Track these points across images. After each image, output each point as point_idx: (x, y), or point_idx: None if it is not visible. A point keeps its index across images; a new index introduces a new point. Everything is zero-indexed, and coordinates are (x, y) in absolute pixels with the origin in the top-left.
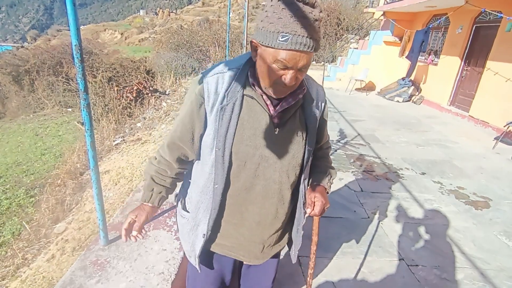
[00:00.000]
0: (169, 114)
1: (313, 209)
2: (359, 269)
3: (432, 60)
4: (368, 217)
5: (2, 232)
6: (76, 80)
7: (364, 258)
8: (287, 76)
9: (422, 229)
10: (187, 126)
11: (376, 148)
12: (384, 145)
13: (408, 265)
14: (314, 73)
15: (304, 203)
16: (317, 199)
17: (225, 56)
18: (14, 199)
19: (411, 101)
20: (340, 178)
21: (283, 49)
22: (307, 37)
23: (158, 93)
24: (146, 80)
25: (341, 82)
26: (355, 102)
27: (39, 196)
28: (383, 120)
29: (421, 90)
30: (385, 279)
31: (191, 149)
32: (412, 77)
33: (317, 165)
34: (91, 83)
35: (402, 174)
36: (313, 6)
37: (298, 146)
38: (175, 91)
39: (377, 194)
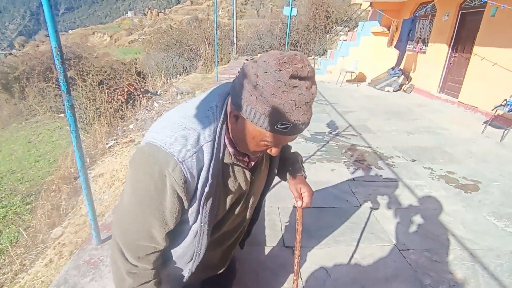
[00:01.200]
0: (161, 115)
1: (303, 201)
2: (352, 255)
3: (421, 49)
4: (360, 205)
5: (0, 241)
6: (59, 82)
7: (357, 245)
8: (273, 150)
9: (413, 215)
10: (154, 216)
11: (367, 138)
12: (375, 134)
13: (399, 250)
14: None
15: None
16: (303, 190)
17: (215, 54)
18: (11, 207)
19: (402, 90)
20: (332, 169)
21: (279, 134)
22: (306, 123)
23: (149, 94)
24: (137, 81)
25: (332, 75)
26: (346, 94)
27: (35, 203)
28: (374, 111)
29: (411, 79)
30: (377, 264)
31: (163, 239)
32: (401, 66)
33: (287, 157)
34: (82, 87)
35: (393, 162)
36: (312, 80)
37: (264, 178)
38: (166, 91)
39: (368, 182)
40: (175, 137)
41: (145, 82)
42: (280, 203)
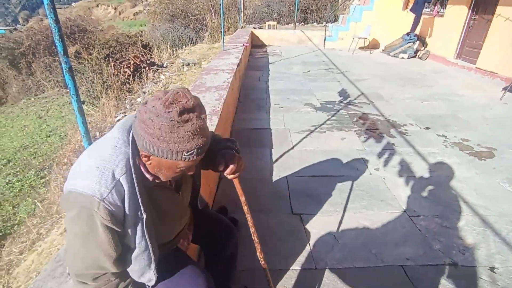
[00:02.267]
0: (167, 87)
1: (228, 168)
2: (361, 222)
3: (438, 12)
4: (371, 174)
5: (18, 213)
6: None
7: (366, 212)
8: (190, 170)
9: (424, 182)
10: (97, 254)
11: (379, 106)
12: (388, 102)
13: (409, 216)
14: (315, 33)
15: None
16: (227, 158)
17: (221, 23)
18: (26, 181)
19: (417, 57)
20: (342, 138)
21: (188, 161)
22: (205, 144)
23: (155, 67)
24: (143, 54)
25: (344, 42)
26: (359, 62)
27: (49, 176)
28: (387, 78)
29: (426, 44)
30: (385, 230)
31: (113, 266)
32: (417, 32)
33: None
34: (88, 61)
35: (406, 130)
36: (198, 107)
37: (190, 185)
38: (172, 63)
39: (380, 151)
40: (91, 179)
41: (151, 55)
42: (287, 171)
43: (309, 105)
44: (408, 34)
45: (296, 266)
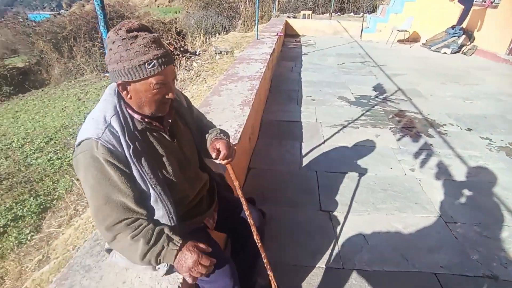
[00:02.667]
0: (199, 75)
1: (220, 154)
2: (392, 224)
3: (492, 2)
4: (405, 174)
5: (58, 188)
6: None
7: (399, 214)
8: (169, 92)
9: (464, 187)
10: (114, 190)
11: (418, 103)
12: (427, 99)
13: (445, 222)
14: (352, 24)
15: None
16: (218, 145)
17: (256, 12)
18: (65, 159)
19: (461, 52)
20: (377, 135)
21: (155, 75)
22: (165, 55)
23: (188, 54)
24: (177, 41)
25: (382, 34)
26: (397, 55)
27: None
28: (427, 74)
29: (474, 39)
30: (419, 234)
31: (129, 198)
32: (464, 25)
33: (204, 132)
34: None
35: (445, 130)
36: (149, 31)
37: (191, 141)
38: (205, 51)
39: (416, 151)
40: (87, 127)
41: (184, 42)
42: (317, 166)
43: (343, 98)
44: (453, 27)
45: (323, 264)
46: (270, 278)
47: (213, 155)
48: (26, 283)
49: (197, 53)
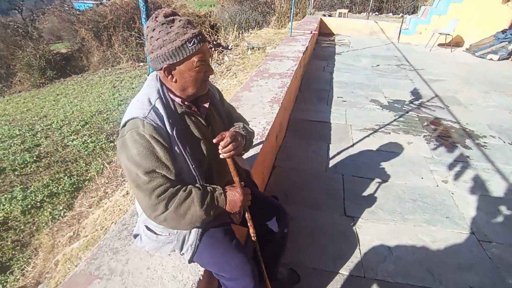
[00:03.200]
0: (230, 69)
1: (222, 142)
2: (420, 236)
3: None
4: (437, 186)
5: (90, 170)
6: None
7: (428, 227)
8: (208, 68)
9: (502, 204)
10: (159, 163)
11: (456, 111)
12: (466, 108)
13: (479, 240)
14: (390, 25)
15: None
16: (226, 133)
17: (291, 8)
18: (98, 143)
19: (510, 59)
20: (409, 142)
21: (196, 52)
22: (200, 33)
23: (221, 48)
24: (211, 34)
25: (422, 36)
26: (436, 59)
27: (117, 141)
28: (469, 81)
29: None
30: (448, 250)
31: (171, 173)
32: None
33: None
34: None
35: (485, 142)
36: (178, 14)
37: (221, 126)
38: (237, 45)
39: (451, 162)
40: (133, 108)
41: (217, 36)
42: (344, 169)
43: (375, 102)
44: (503, 32)
45: (344, 271)
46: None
47: (215, 140)
48: (57, 256)
49: (229, 48)
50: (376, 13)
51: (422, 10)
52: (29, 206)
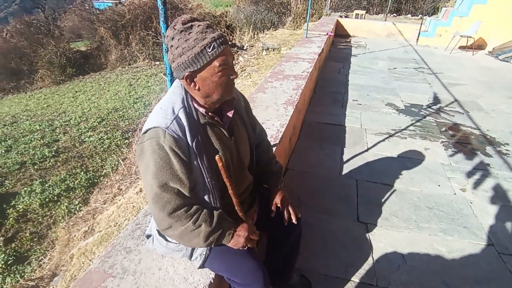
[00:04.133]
0: (245, 70)
1: (288, 217)
2: (435, 246)
3: None
4: (455, 194)
5: (105, 166)
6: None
7: (444, 237)
8: (232, 72)
9: None
10: (174, 176)
11: (476, 117)
12: (488, 114)
13: (499, 253)
14: (408, 27)
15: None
16: (282, 206)
17: (307, 9)
18: (113, 139)
19: None
20: (426, 148)
21: (217, 56)
22: (221, 36)
23: (236, 48)
24: (226, 34)
25: (441, 39)
26: (456, 63)
27: (132, 139)
28: (491, 85)
29: None
30: (465, 262)
31: (186, 188)
32: None
33: (265, 164)
34: None
35: (507, 150)
36: (197, 19)
37: (246, 142)
38: (252, 46)
39: (470, 170)
40: (156, 116)
41: (233, 36)
42: (358, 174)
43: (391, 105)
44: None
45: (355, 278)
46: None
47: (285, 219)
48: (72, 250)
49: (245, 48)
50: (394, 14)
51: (442, 11)
52: (47, 199)
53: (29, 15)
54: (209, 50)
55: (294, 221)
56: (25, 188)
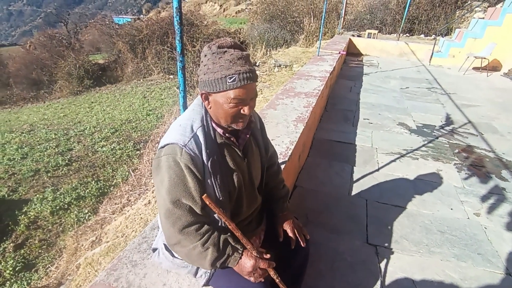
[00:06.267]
0: (257, 85)
1: (296, 240)
2: (448, 272)
3: None
4: (468, 218)
5: (116, 176)
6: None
7: (457, 263)
8: (245, 108)
9: None
10: (187, 194)
11: (491, 139)
12: (503, 137)
13: None
14: (421, 47)
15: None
16: (289, 232)
17: (320, 28)
18: (125, 150)
19: None
20: (438, 169)
21: (234, 89)
22: (248, 72)
23: None
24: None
25: (455, 60)
26: (470, 83)
27: (143, 150)
28: (507, 107)
29: None
30: None
31: (198, 206)
32: None
33: (273, 189)
34: (190, 52)
35: None
36: (241, 49)
37: (258, 163)
38: (264, 62)
39: (484, 194)
40: (175, 132)
41: None
42: (368, 194)
43: (403, 125)
44: None
45: None
46: None
47: (292, 243)
48: (79, 259)
49: (257, 64)
50: (407, 34)
51: (456, 32)
52: (58, 207)
53: (52, 28)
54: (229, 81)
55: (302, 244)
56: (37, 195)
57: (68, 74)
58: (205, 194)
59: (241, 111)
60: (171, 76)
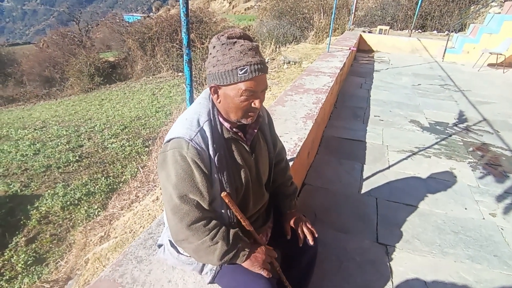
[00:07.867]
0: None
1: (304, 238)
2: (462, 274)
3: None
4: (484, 219)
5: (125, 172)
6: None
7: (471, 265)
8: (256, 101)
9: None
10: (194, 188)
11: (507, 137)
12: None
13: None
14: (433, 43)
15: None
16: (296, 227)
17: (330, 24)
18: (134, 147)
19: None
20: (451, 168)
21: (246, 81)
22: (259, 63)
23: None
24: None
25: (469, 56)
26: (485, 80)
27: (152, 147)
28: None
29: None
30: None
31: (205, 201)
32: None
33: (281, 186)
34: (199, 49)
35: None
36: (250, 39)
37: (266, 159)
38: (273, 59)
39: (501, 193)
40: (181, 126)
41: None
42: (378, 193)
43: (415, 122)
44: None
45: None
46: None
47: (300, 240)
48: (88, 254)
49: (266, 61)
50: (419, 30)
51: (470, 28)
52: (68, 202)
53: (64, 27)
54: (240, 73)
55: (310, 242)
56: (48, 191)
57: (79, 72)
58: (224, 193)
59: (252, 104)
60: (180, 74)
